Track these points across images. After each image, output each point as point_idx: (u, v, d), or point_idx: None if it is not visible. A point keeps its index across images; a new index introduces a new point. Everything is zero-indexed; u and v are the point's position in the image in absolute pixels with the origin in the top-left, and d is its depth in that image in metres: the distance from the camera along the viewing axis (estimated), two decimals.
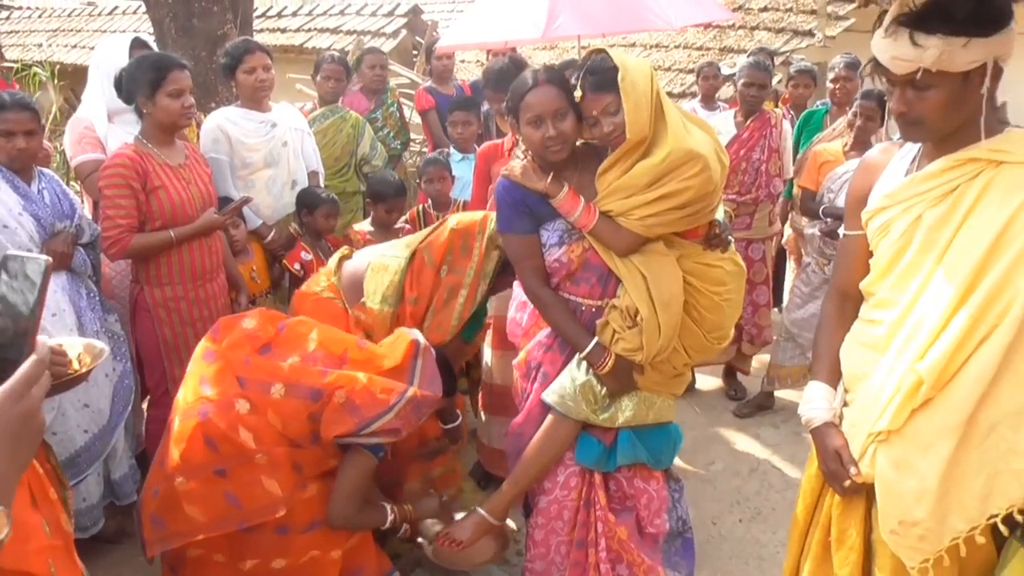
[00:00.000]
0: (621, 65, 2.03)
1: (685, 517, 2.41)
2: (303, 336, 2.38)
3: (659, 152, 2.02)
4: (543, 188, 2.14)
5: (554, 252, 2.20)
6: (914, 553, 1.54)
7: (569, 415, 2.24)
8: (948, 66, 1.45)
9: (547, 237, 2.21)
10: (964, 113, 1.52)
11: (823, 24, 7.11)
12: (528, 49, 6.25)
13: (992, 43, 1.45)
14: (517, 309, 2.42)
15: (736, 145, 4.13)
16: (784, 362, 4.04)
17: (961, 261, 1.51)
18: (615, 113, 2.05)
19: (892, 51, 1.50)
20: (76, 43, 10.69)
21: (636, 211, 2.07)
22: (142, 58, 2.87)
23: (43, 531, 1.86)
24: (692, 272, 2.19)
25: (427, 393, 2.29)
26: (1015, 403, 1.46)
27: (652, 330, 2.11)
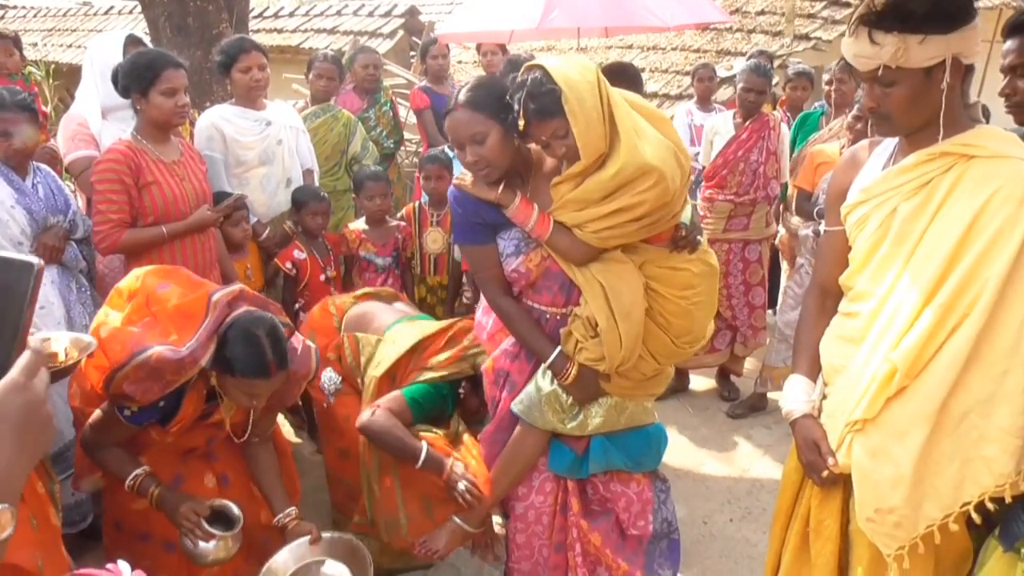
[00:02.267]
0: (564, 85, 1.87)
1: (671, 518, 2.36)
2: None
3: (611, 166, 1.91)
4: (494, 198, 2.05)
5: (511, 262, 2.12)
6: (890, 540, 1.56)
7: (536, 425, 2.19)
8: (906, 62, 1.50)
9: (504, 246, 2.13)
10: (930, 108, 1.56)
11: (790, 29, 7.17)
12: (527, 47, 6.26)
13: (951, 40, 1.49)
14: (483, 313, 2.36)
15: (735, 146, 4.15)
16: (777, 363, 4.04)
17: (933, 253, 1.54)
18: (564, 136, 1.92)
19: (854, 49, 1.56)
20: (71, 43, 10.68)
21: (590, 224, 1.98)
22: (138, 55, 2.87)
23: (30, 525, 1.86)
24: (657, 278, 2.10)
25: (168, 357, 2.00)
26: (985, 391, 1.48)
27: (612, 341, 2.04)
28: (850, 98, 4.31)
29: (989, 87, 3.03)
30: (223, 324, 2.12)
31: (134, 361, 2.00)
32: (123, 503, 2.28)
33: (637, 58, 7.98)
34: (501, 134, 1.99)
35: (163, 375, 2.01)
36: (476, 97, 2.00)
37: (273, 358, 2.09)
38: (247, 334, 2.09)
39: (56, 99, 7.76)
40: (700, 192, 4.34)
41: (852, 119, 3.63)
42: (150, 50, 3.03)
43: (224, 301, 2.16)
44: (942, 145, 1.57)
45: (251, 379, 2.09)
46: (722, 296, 4.25)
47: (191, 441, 2.32)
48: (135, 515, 2.27)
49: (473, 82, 2.08)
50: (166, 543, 2.27)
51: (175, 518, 2.11)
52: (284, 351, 2.14)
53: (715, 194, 4.18)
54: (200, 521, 2.10)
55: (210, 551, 2.12)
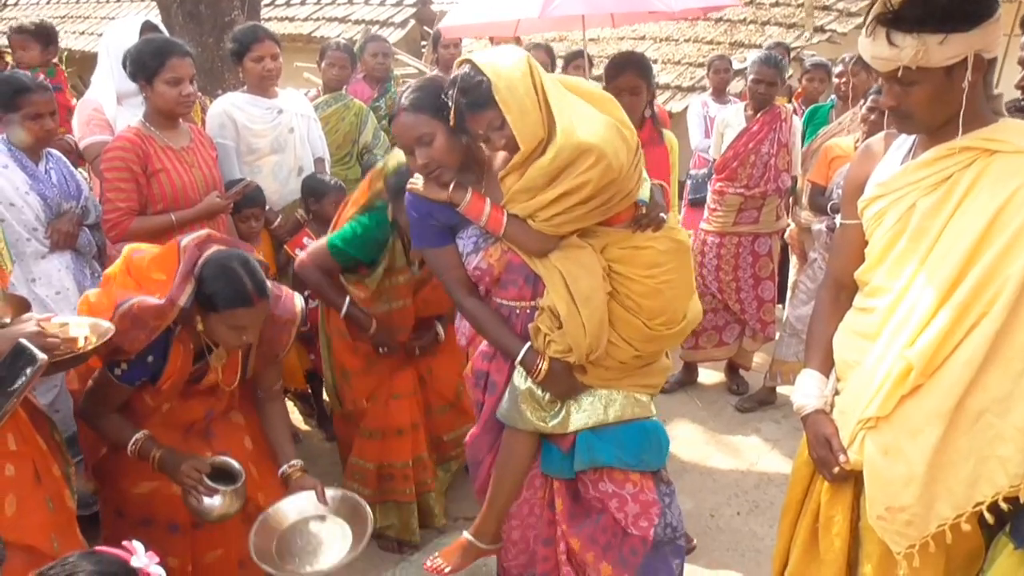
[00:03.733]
0: (493, 75, 1.86)
1: (676, 523, 2.23)
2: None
3: (549, 151, 1.89)
4: (446, 197, 2.01)
5: (472, 260, 2.09)
6: (900, 539, 1.55)
7: (518, 426, 2.15)
8: (926, 63, 1.47)
9: (463, 245, 2.10)
10: (952, 106, 1.53)
11: (809, 23, 7.10)
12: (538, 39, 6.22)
13: (973, 37, 1.46)
14: (461, 317, 2.30)
15: (745, 138, 4.12)
16: (787, 357, 4.04)
17: (952, 249, 1.52)
18: (501, 127, 1.89)
19: (872, 51, 1.53)
20: (84, 30, 10.71)
21: (541, 212, 1.95)
22: (145, 42, 2.87)
23: (46, 506, 1.90)
24: (620, 259, 2.05)
25: (149, 303, 2.07)
26: (1002, 389, 1.47)
27: (576, 328, 2.00)
28: (862, 91, 4.28)
29: (1005, 80, 3.00)
30: (197, 265, 2.14)
31: (118, 312, 2.06)
32: (124, 490, 2.29)
33: (649, 49, 7.93)
34: (447, 133, 1.97)
35: (146, 321, 2.07)
36: (418, 99, 1.99)
37: (252, 286, 2.12)
38: (223, 268, 2.12)
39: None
40: (711, 185, 4.32)
41: (866, 110, 3.61)
42: (157, 37, 3.02)
43: (193, 244, 2.19)
44: (963, 140, 1.55)
45: (234, 310, 2.11)
46: (731, 290, 4.24)
47: (189, 414, 2.34)
48: (137, 500, 2.29)
49: (415, 84, 2.06)
50: (170, 526, 2.28)
51: (178, 476, 2.14)
52: (261, 280, 2.16)
53: (725, 187, 4.16)
54: (202, 477, 2.14)
55: (215, 507, 2.16)
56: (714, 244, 4.22)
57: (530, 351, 2.08)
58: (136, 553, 1.24)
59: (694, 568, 2.91)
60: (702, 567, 2.93)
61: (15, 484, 1.82)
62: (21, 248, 2.70)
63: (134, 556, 1.23)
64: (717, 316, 4.31)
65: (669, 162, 3.17)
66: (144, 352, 2.12)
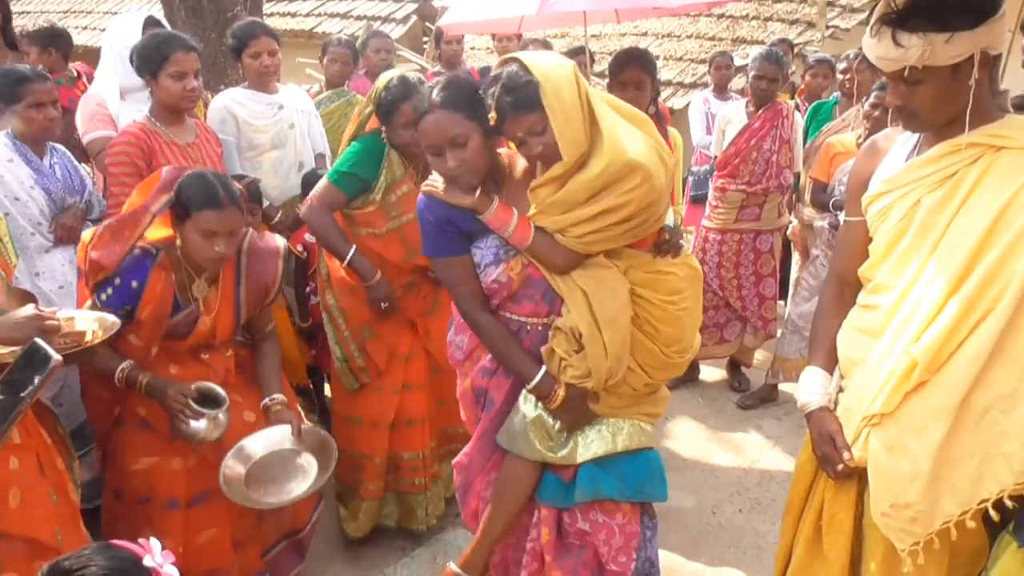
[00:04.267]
0: (541, 77, 1.77)
1: (654, 559, 2.17)
2: None
3: (595, 165, 1.81)
4: (470, 204, 1.91)
5: (491, 272, 1.97)
6: (905, 536, 1.55)
7: (524, 455, 2.04)
8: (933, 62, 1.47)
9: (481, 256, 1.98)
10: (958, 103, 1.53)
11: (821, 23, 7.08)
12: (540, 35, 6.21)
13: (978, 35, 1.45)
14: (456, 331, 2.20)
15: (747, 135, 4.12)
16: (789, 354, 4.04)
17: (958, 245, 1.52)
18: (542, 132, 1.80)
19: (877, 51, 1.52)
20: (87, 24, 10.69)
21: (574, 228, 1.86)
22: (151, 36, 2.87)
23: (50, 499, 1.90)
24: (643, 283, 1.97)
25: (124, 214, 2.23)
26: (1008, 386, 1.46)
27: (597, 352, 1.91)
28: (865, 88, 4.27)
29: (1009, 77, 2.99)
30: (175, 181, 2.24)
31: (100, 229, 2.23)
32: (124, 467, 2.34)
33: (651, 45, 7.91)
34: (482, 135, 1.88)
35: (122, 231, 2.20)
36: (452, 97, 1.87)
37: (222, 190, 2.21)
38: (196, 176, 2.26)
39: None
40: (712, 181, 4.32)
41: (869, 107, 3.60)
42: (162, 32, 3.02)
43: (173, 166, 2.34)
44: (969, 136, 1.54)
45: (205, 212, 2.18)
46: (733, 287, 4.24)
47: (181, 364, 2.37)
48: (137, 477, 2.33)
49: (445, 81, 1.92)
50: (169, 502, 2.33)
51: (165, 401, 2.22)
52: (232, 190, 2.25)
53: (727, 183, 4.16)
54: (188, 402, 2.22)
55: (200, 429, 2.25)
56: (715, 241, 4.22)
57: (546, 376, 1.97)
58: (151, 551, 1.24)
59: (696, 565, 2.92)
60: (704, 564, 2.94)
61: (19, 477, 1.83)
62: (25, 242, 2.70)
63: (147, 555, 1.23)
64: (718, 313, 4.31)
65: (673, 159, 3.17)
66: (127, 276, 2.22)
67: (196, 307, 2.34)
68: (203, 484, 2.34)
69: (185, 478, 2.33)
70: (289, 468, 2.34)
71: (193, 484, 2.34)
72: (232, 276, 2.41)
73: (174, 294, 2.30)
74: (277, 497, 2.28)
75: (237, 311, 2.43)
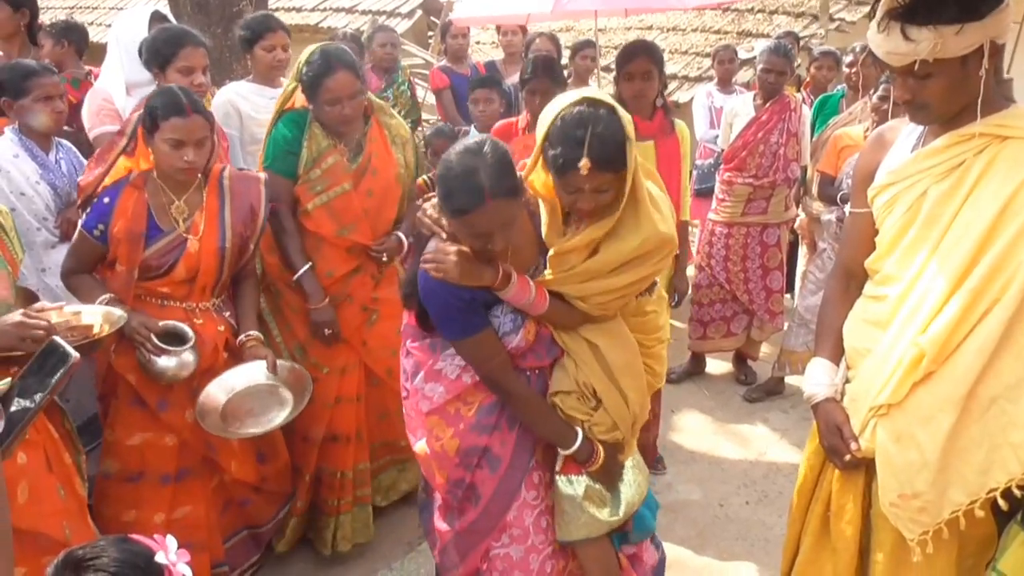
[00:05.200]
0: (630, 136, 1.68)
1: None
2: None
3: (631, 238, 1.74)
4: (492, 283, 1.76)
5: (512, 340, 1.85)
6: (913, 526, 1.55)
7: (593, 535, 1.94)
8: (943, 54, 1.46)
9: (499, 324, 1.85)
10: (968, 94, 1.52)
11: (824, 16, 7.05)
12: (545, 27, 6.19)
13: (987, 25, 1.45)
14: (427, 378, 1.95)
15: (755, 128, 4.10)
16: (796, 347, 4.03)
17: (964, 235, 1.51)
18: (605, 191, 1.70)
19: (887, 46, 1.51)
20: (93, 20, 10.69)
21: (595, 297, 1.81)
22: (161, 30, 2.88)
23: (58, 494, 1.91)
24: (637, 328, 1.96)
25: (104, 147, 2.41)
26: (1015, 376, 1.47)
27: (617, 402, 1.87)
28: (872, 81, 4.25)
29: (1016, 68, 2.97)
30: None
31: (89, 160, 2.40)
32: (118, 442, 2.39)
33: (657, 39, 7.88)
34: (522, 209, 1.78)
35: (103, 157, 2.39)
36: (508, 182, 1.69)
37: (187, 100, 2.26)
38: (162, 88, 2.37)
39: None
40: (719, 175, 4.30)
41: (877, 100, 3.58)
42: (172, 26, 3.03)
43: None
44: (975, 126, 1.54)
45: (172, 120, 2.24)
46: (739, 280, 4.23)
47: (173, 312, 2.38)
48: (130, 453, 2.38)
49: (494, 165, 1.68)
50: (162, 477, 2.39)
51: (129, 332, 2.24)
52: (198, 100, 2.32)
53: (734, 177, 4.14)
54: (150, 335, 2.25)
55: (168, 367, 2.27)
56: (722, 234, 4.21)
57: (586, 440, 1.89)
58: (166, 548, 1.24)
59: (704, 558, 2.92)
60: (711, 557, 2.94)
61: (27, 472, 1.84)
62: (31, 237, 2.71)
63: (159, 552, 1.23)
64: (725, 307, 4.30)
65: (680, 152, 3.15)
66: (102, 195, 2.34)
67: (178, 230, 2.36)
68: (185, 461, 2.42)
69: (174, 454, 2.39)
70: (266, 402, 2.37)
71: (179, 461, 2.41)
72: (216, 198, 2.43)
73: (148, 212, 2.34)
74: (254, 428, 2.31)
75: (223, 234, 2.42)
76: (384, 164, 2.72)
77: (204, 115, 2.30)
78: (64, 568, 1.18)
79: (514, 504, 1.96)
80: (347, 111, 2.55)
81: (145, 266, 2.33)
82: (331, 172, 2.61)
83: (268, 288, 2.77)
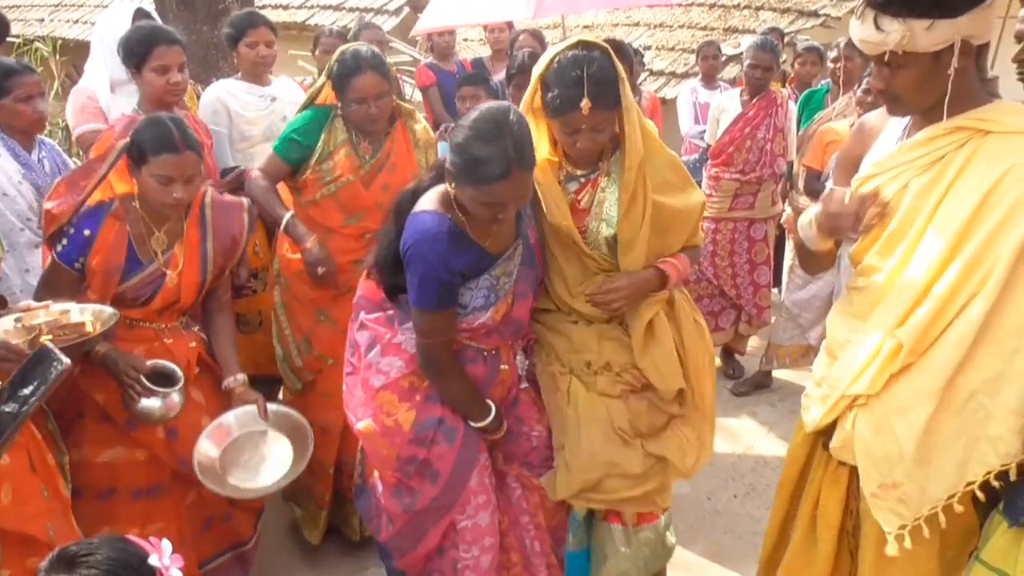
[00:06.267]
0: (622, 76, 1.82)
1: None
2: None
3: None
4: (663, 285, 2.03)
5: (479, 316, 1.94)
6: (893, 517, 1.56)
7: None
8: (912, 48, 1.47)
9: (470, 298, 1.93)
10: (940, 89, 1.53)
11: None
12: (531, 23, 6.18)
13: (960, 24, 1.45)
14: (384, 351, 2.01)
15: (741, 123, 4.12)
16: (783, 341, 4.05)
17: (944, 228, 1.52)
18: (602, 131, 1.84)
19: (860, 33, 1.53)
20: (78, 18, 10.60)
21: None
22: (133, 29, 2.83)
23: (41, 495, 1.90)
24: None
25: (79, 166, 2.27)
26: (993, 369, 1.47)
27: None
28: (856, 76, 4.27)
29: (1002, 61, 2.99)
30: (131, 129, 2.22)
31: (57, 181, 2.25)
32: (89, 461, 2.27)
33: (643, 35, 7.90)
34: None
35: (77, 183, 2.19)
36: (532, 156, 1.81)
37: (179, 135, 2.15)
38: (152, 120, 2.21)
39: (63, 75, 7.73)
40: (706, 170, 4.31)
41: (862, 93, 3.60)
42: (144, 25, 2.95)
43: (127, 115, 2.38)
44: (957, 119, 1.55)
45: (162, 156, 2.13)
46: (727, 275, 4.25)
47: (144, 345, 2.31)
48: (100, 470, 2.28)
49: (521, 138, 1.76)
50: (134, 492, 2.31)
51: (117, 374, 2.16)
52: (191, 134, 2.20)
53: (721, 172, 4.16)
54: (140, 377, 2.16)
55: (155, 408, 2.19)
56: (710, 230, 4.23)
57: (496, 414, 2.04)
58: (160, 552, 1.23)
59: (692, 552, 2.93)
60: (699, 551, 2.95)
61: (10, 473, 1.82)
62: (14, 238, 2.69)
63: (153, 554, 1.22)
64: (713, 302, 4.32)
65: None
66: (81, 226, 2.20)
67: (158, 263, 2.29)
68: (157, 476, 2.33)
69: (146, 469, 2.31)
70: (260, 450, 2.31)
71: (150, 476, 2.32)
72: (197, 231, 2.36)
73: (128, 244, 2.25)
74: (253, 483, 2.24)
75: (204, 268, 2.36)
76: (403, 163, 2.76)
77: (196, 150, 2.21)
78: (58, 564, 1.18)
79: (474, 471, 2.02)
80: (373, 110, 2.60)
81: (120, 297, 2.26)
82: (341, 165, 2.67)
83: (279, 280, 2.81)
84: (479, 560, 2.04)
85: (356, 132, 2.69)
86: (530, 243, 2.02)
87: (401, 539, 2.08)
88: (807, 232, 1.73)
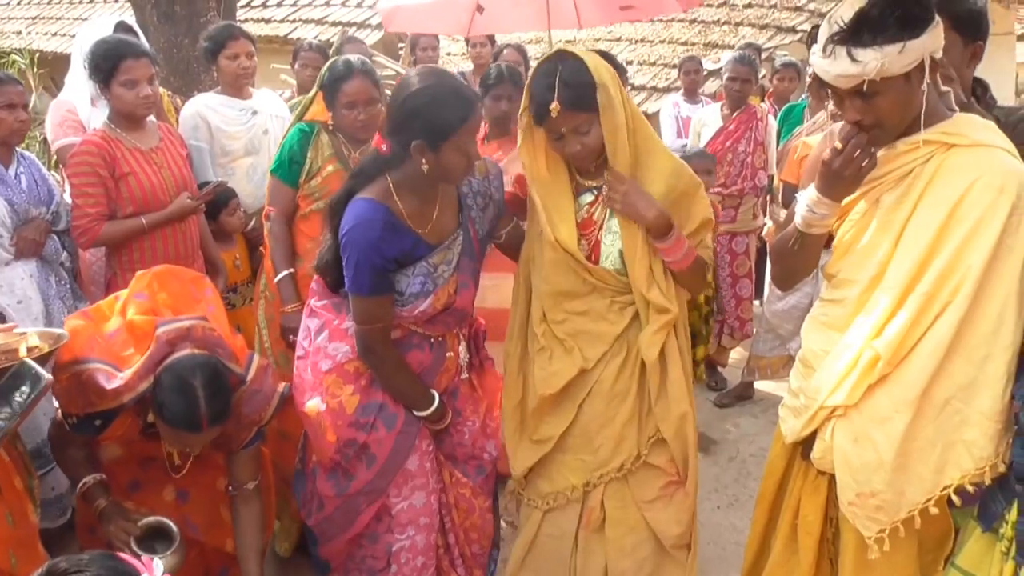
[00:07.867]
0: (599, 79, 1.82)
1: None
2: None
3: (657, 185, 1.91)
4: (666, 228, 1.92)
5: (419, 303, 1.96)
6: (871, 524, 1.59)
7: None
8: (889, 72, 1.49)
9: (407, 285, 1.94)
10: (913, 108, 1.56)
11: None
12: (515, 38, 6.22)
13: (925, 41, 1.49)
14: (331, 337, 2.05)
15: (722, 137, 4.17)
16: (764, 353, 4.08)
17: (915, 241, 1.56)
18: (585, 133, 1.86)
19: (835, 69, 1.53)
20: (56, 31, 10.55)
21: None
22: (98, 44, 2.76)
23: (6, 521, 1.84)
24: None
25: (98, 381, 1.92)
26: (967, 376, 1.51)
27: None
28: None
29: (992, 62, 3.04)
30: (161, 365, 1.94)
31: (70, 369, 1.94)
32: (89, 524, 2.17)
33: (625, 50, 7.98)
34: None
35: (87, 394, 1.92)
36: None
37: (206, 412, 1.89)
38: (181, 383, 1.89)
39: (41, 88, 7.67)
40: None
41: (834, 107, 3.64)
42: (109, 39, 2.88)
43: (166, 339, 1.98)
44: (923, 134, 1.58)
45: (179, 431, 1.94)
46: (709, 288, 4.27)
47: (150, 450, 2.21)
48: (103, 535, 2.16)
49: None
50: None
51: (107, 535, 2.01)
52: (222, 405, 1.94)
53: None
54: (129, 540, 1.98)
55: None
56: None
57: (440, 402, 2.06)
58: (152, 572, 1.22)
59: None
60: None
61: None
62: None
63: (144, 574, 1.21)
64: None
65: None
66: (92, 414, 1.98)
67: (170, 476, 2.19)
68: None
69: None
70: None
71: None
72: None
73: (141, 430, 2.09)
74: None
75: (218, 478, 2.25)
76: None
77: (222, 422, 1.95)
78: None
79: (413, 456, 2.05)
80: (362, 116, 2.62)
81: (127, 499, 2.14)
82: (329, 180, 2.67)
83: (264, 294, 2.82)
84: (414, 540, 2.08)
85: (346, 145, 2.69)
86: (471, 236, 2.06)
87: (330, 523, 2.09)
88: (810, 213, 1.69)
